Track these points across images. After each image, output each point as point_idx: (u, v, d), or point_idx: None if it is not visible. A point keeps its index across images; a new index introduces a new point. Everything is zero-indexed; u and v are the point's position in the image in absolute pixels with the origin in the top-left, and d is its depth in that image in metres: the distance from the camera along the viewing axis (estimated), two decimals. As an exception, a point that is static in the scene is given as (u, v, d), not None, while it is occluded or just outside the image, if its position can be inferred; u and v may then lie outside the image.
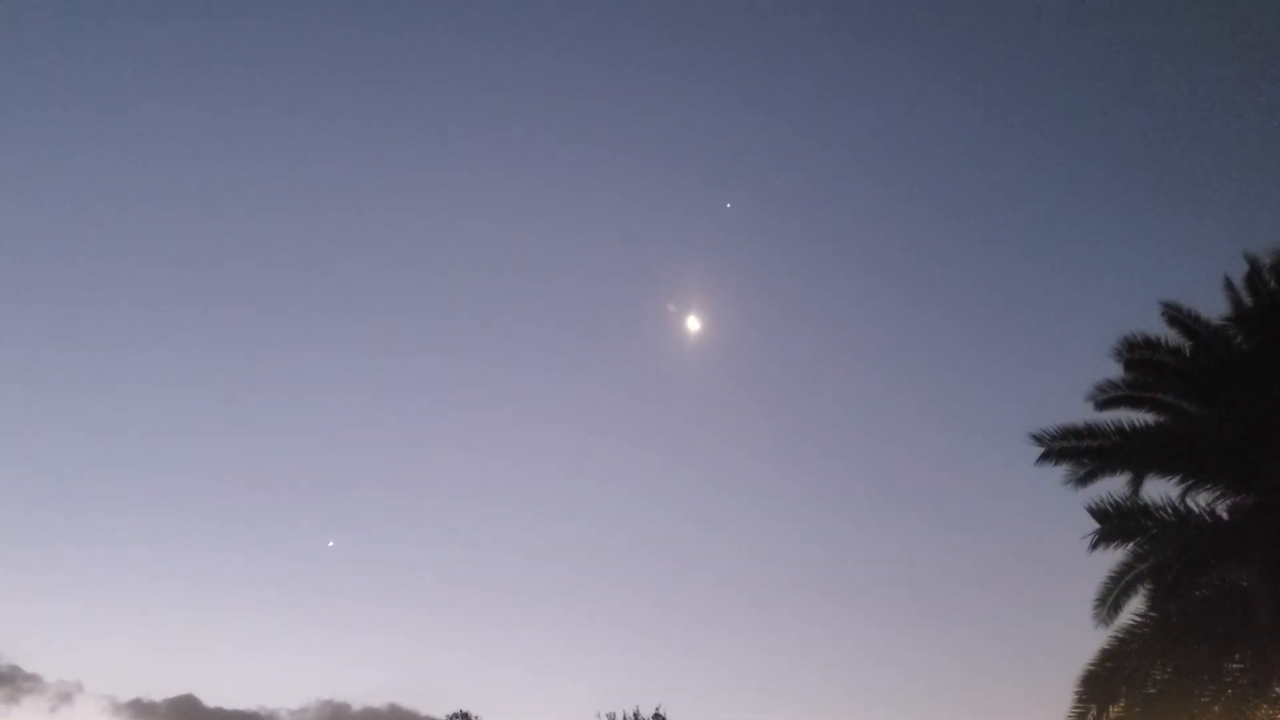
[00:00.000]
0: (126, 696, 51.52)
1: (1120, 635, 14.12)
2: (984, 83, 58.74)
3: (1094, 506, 14.63)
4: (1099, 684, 13.93)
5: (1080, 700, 14.04)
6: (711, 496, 64.98)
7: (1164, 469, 14.52)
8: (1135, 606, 14.54)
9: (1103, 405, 15.28)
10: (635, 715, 31.79)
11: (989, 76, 59.13)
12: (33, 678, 50.29)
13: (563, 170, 62.67)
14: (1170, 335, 14.93)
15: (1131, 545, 14.64)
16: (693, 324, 50.90)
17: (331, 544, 58.31)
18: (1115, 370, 15.28)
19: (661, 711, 32.01)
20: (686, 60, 60.23)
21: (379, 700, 52.53)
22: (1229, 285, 15.11)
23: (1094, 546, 14.78)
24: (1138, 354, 14.97)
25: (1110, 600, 14.80)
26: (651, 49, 59.67)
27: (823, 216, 63.49)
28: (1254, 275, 14.88)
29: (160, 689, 60.44)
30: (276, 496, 63.23)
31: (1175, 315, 15.02)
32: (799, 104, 61.45)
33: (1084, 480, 15.10)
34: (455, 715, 39.79)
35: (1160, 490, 14.56)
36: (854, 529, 60.72)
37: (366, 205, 63.25)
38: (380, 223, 63.86)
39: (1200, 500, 14.29)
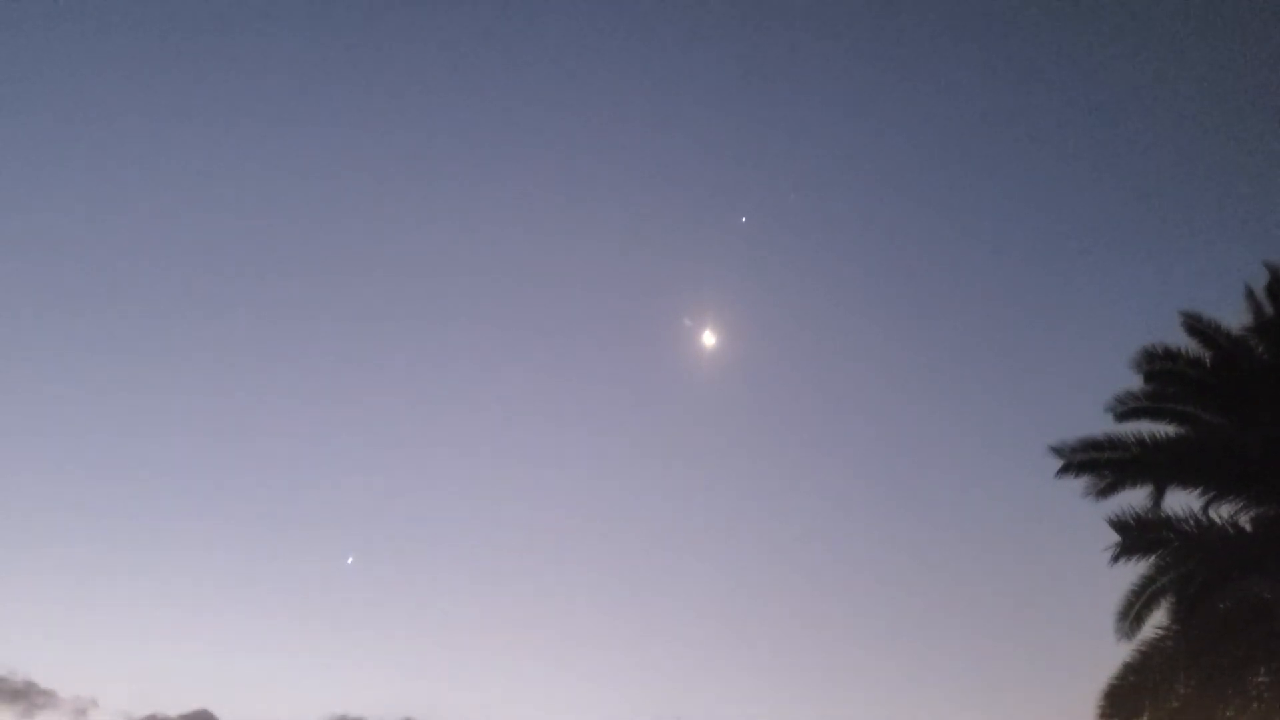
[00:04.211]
0: (141, 712, 51.87)
1: (1143, 649, 14.00)
2: (1002, 96, 58.64)
3: (1115, 519, 14.52)
4: (1122, 698, 13.81)
5: (1103, 714, 13.91)
6: (729, 508, 64.86)
7: (1186, 481, 14.41)
8: (1158, 620, 14.46)
9: (1123, 417, 15.17)
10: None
11: (1007, 90, 59.02)
12: (47, 693, 50.67)
13: (578, 184, 62.95)
14: (1191, 346, 14.83)
15: (1153, 558, 14.55)
16: (709, 338, 50.94)
17: (351, 560, 58.56)
18: (1135, 381, 15.19)
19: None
20: (701, 75, 60.42)
21: (394, 714, 52.65)
22: (1250, 295, 15.01)
23: (1115, 559, 14.68)
24: (1158, 365, 14.87)
25: (1132, 613, 14.69)
26: (666, 64, 59.89)
27: (838, 230, 63.53)
28: (1275, 285, 14.80)
29: (175, 705, 60.85)
30: (296, 514, 63.57)
31: (1195, 325, 14.91)
32: (814, 117, 61.54)
33: (1105, 492, 14.99)
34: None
35: (1182, 502, 14.47)
36: (872, 541, 60.41)
37: (386, 222, 63.64)
38: (400, 240, 64.23)
39: (1223, 512, 14.19)
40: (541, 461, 67.75)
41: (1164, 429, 14.91)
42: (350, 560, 59.76)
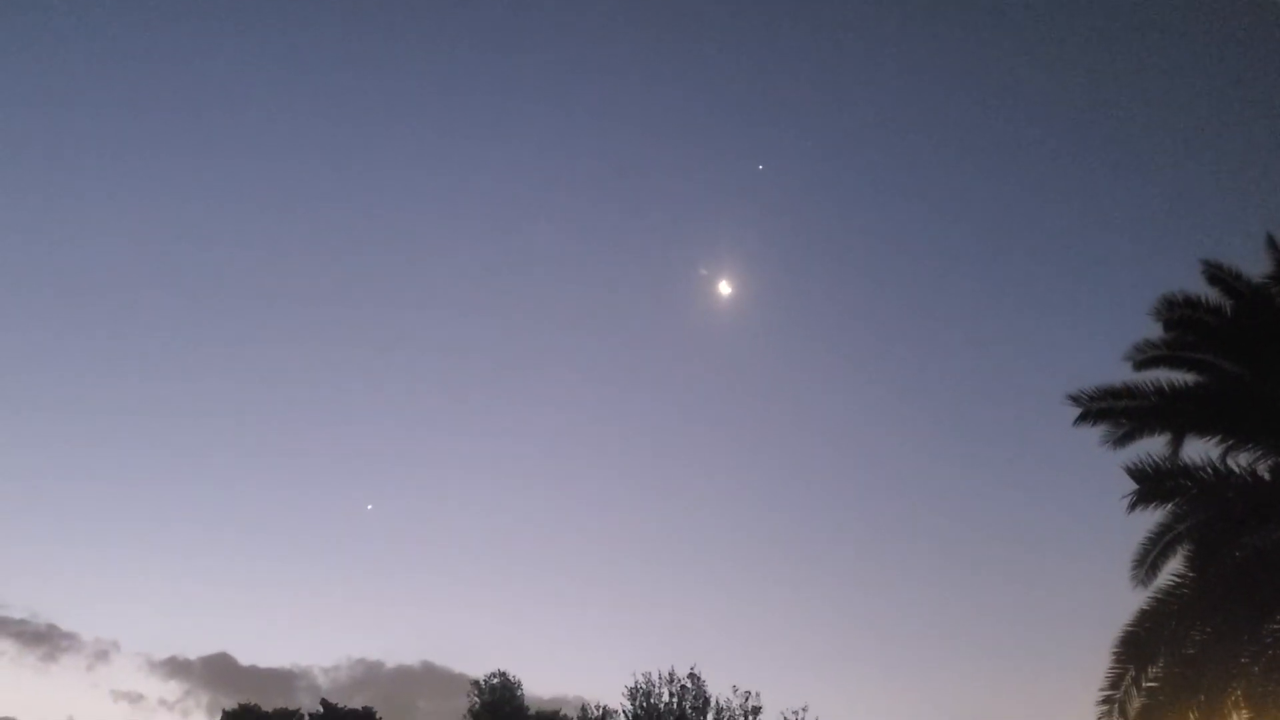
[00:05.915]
0: (162, 655, 53.08)
1: (1159, 596, 14.08)
2: (1022, 42, 57.66)
3: (1133, 467, 14.53)
4: (1137, 645, 13.92)
5: (1118, 661, 14.04)
6: (741, 459, 65.14)
7: (1204, 429, 14.42)
8: (1174, 567, 14.48)
9: (1141, 365, 15.11)
10: (670, 675, 32.12)
11: (1027, 36, 58.00)
12: (70, 636, 51.80)
13: (594, 134, 62.39)
14: (1211, 294, 14.73)
15: (1170, 506, 14.55)
16: (724, 287, 50.83)
17: (370, 507, 59.23)
18: (1155, 330, 15.13)
19: (696, 671, 32.29)
20: (718, 22, 59.52)
21: (412, 658, 53.57)
22: (1271, 243, 14.88)
23: (1133, 507, 14.69)
24: (1178, 313, 14.77)
25: (1149, 561, 14.74)
26: (682, 12, 59.00)
27: (855, 177, 62.94)
28: (1296, 233, 14.63)
29: (195, 647, 62.13)
30: (316, 461, 64.15)
31: (1216, 274, 14.79)
32: (832, 64, 60.65)
33: (1122, 441, 15.01)
34: (493, 674, 40.51)
35: (1200, 451, 14.48)
36: (887, 487, 60.69)
37: (413, 175, 63.37)
38: (426, 196, 64.00)
39: (1241, 460, 14.19)
40: (558, 409, 68.19)
41: (1183, 377, 14.88)
42: (370, 507, 60.46)
